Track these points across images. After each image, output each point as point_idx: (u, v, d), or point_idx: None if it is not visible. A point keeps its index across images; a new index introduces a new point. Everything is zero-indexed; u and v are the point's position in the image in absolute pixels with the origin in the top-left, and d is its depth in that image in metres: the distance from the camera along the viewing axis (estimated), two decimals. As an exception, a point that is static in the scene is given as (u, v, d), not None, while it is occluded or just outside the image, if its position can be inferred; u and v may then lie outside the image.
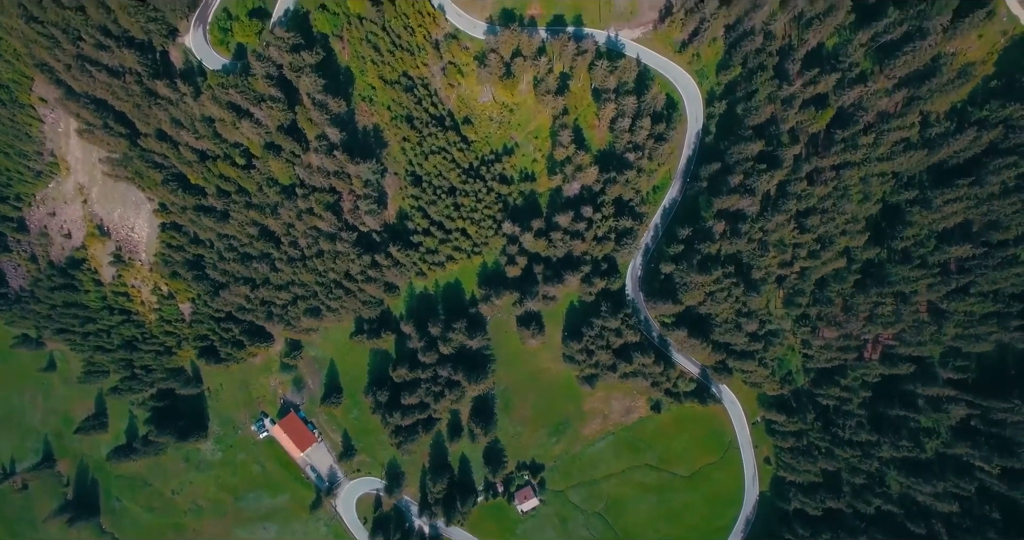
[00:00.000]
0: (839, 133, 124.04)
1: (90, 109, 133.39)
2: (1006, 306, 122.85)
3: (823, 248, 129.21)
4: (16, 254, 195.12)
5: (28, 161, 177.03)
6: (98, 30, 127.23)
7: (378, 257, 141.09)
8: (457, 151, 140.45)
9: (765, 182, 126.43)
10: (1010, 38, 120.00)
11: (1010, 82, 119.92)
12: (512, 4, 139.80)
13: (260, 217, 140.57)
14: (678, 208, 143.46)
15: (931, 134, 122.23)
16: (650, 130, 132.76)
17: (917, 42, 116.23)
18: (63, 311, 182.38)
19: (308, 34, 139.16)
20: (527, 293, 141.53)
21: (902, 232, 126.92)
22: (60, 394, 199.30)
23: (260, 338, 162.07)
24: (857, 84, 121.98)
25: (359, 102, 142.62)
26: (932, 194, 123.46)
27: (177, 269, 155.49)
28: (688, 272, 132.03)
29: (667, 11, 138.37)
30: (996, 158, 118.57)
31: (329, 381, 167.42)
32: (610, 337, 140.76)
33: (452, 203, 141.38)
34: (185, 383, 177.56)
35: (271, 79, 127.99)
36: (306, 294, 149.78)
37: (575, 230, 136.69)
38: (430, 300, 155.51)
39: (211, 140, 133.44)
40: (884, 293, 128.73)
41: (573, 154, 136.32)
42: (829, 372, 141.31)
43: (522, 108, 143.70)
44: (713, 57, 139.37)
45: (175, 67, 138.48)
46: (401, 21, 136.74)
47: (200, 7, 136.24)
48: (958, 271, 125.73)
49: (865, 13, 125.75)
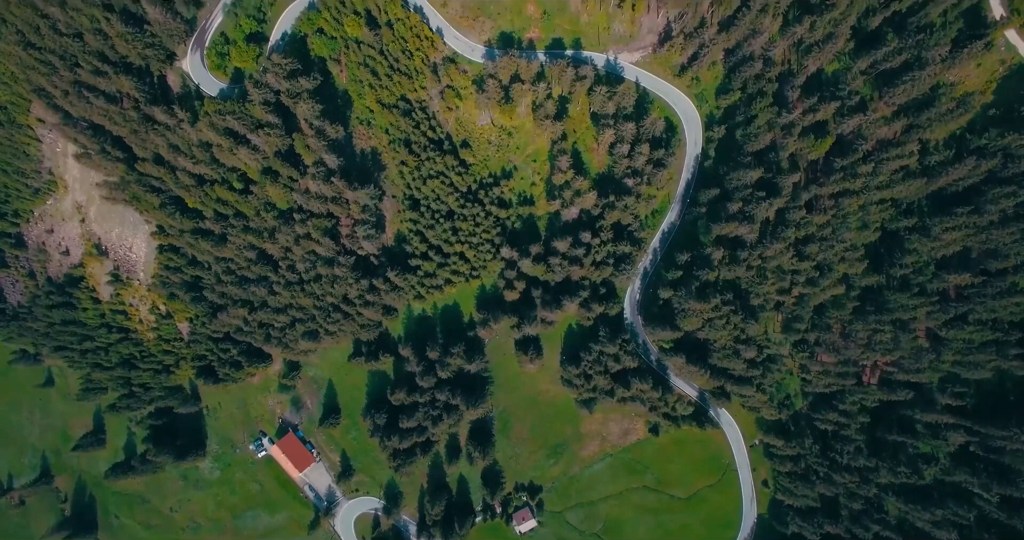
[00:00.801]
0: (838, 161, 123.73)
1: (87, 134, 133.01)
2: (1005, 334, 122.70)
3: (822, 276, 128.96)
4: (14, 270, 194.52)
5: (26, 179, 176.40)
6: (95, 56, 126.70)
7: (376, 281, 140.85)
8: (455, 175, 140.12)
9: (764, 210, 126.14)
10: (1008, 67, 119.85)
11: (1009, 111, 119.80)
12: (510, 28, 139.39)
13: (258, 241, 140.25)
14: (677, 232, 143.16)
15: (930, 162, 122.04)
16: (649, 156, 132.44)
17: (916, 72, 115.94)
18: (61, 329, 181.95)
19: (305, 57, 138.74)
20: (525, 318, 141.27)
21: (901, 259, 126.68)
22: (58, 410, 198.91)
23: (258, 359, 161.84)
24: (857, 113, 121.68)
25: (357, 126, 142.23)
26: (931, 222, 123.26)
27: (175, 291, 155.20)
28: (686, 299, 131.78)
29: (666, 35, 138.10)
30: (995, 187, 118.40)
31: (327, 401, 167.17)
32: (608, 362, 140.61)
33: (450, 227, 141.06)
34: (183, 401, 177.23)
35: (268, 105, 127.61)
36: (304, 317, 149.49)
37: (573, 256, 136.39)
38: (428, 322, 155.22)
39: (208, 165, 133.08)
40: (883, 320, 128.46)
41: (572, 179, 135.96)
42: (827, 397, 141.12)
43: (521, 131, 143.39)
44: (712, 81, 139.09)
45: (172, 91, 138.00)
46: (399, 45, 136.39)
47: (197, 32, 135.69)
48: (957, 299, 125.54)
49: (865, 40, 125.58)
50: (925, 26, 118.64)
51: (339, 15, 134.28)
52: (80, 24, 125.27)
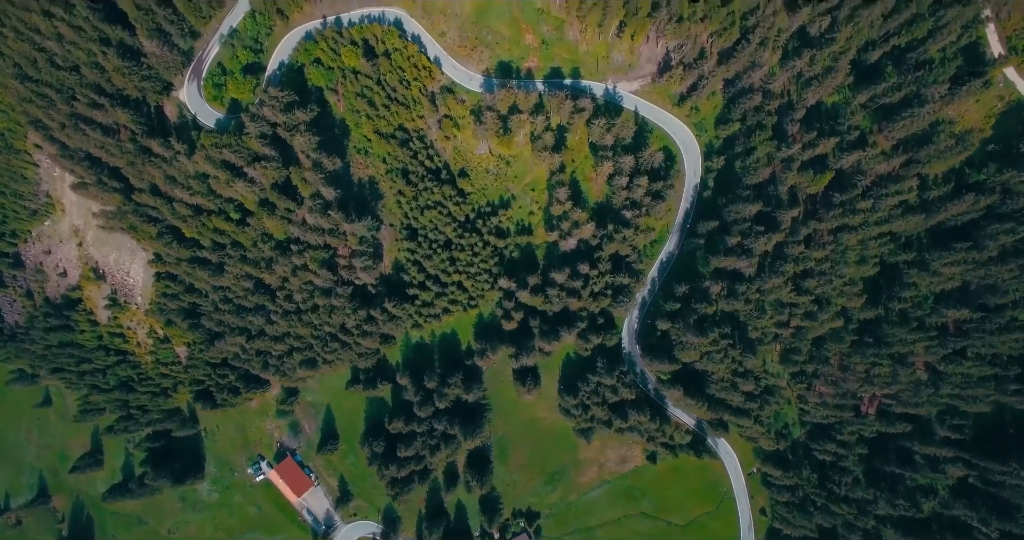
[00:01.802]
0: (837, 196, 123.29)
1: (84, 166, 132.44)
2: (1003, 369, 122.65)
3: (820, 309, 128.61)
4: (11, 289, 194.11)
5: (23, 201, 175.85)
6: (92, 89, 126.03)
7: (373, 311, 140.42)
8: (453, 205, 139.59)
9: (763, 244, 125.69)
10: (1007, 103, 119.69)
11: (1007, 146, 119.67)
12: (509, 57, 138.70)
13: (255, 271, 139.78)
14: (675, 262, 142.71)
15: (929, 196, 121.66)
16: (647, 188, 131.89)
17: (916, 109, 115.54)
18: (58, 351, 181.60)
19: (303, 87, 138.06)
20: (523, 348, 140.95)
21: (900, 293, 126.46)
22: (56, 430, 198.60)
23: (256, 385, 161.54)
24: (856, 148, 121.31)
25: (354, 155, 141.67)
26: (930, 256, 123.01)
27: (172, 317, 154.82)
28: (684, 331, 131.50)
29: (665, 65, 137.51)
30: (994, 222, 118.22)
31: (326, 426, 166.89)
32: (606, 393, 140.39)
33: (448, 257, 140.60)
34: (182, 424, 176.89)
35: (265, 138, 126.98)
36: (302, 346, 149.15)
37: (571, 287, 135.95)
38: (426, 350, 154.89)
39: (205, 196, 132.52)
40: (881, 354, 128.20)
41: (569, 210, 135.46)
42: (825, 427, 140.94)
43: (519, 160, 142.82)
44: (712, 110, 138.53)
45: (169, 121, 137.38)
46: (396, 75, 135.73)
47: (194, 62, 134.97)
48: (956, 333, 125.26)
49: (864, 73, 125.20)
50: (924, 62, 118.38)
51: (336, 45, 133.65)
52: (77, 58, 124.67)
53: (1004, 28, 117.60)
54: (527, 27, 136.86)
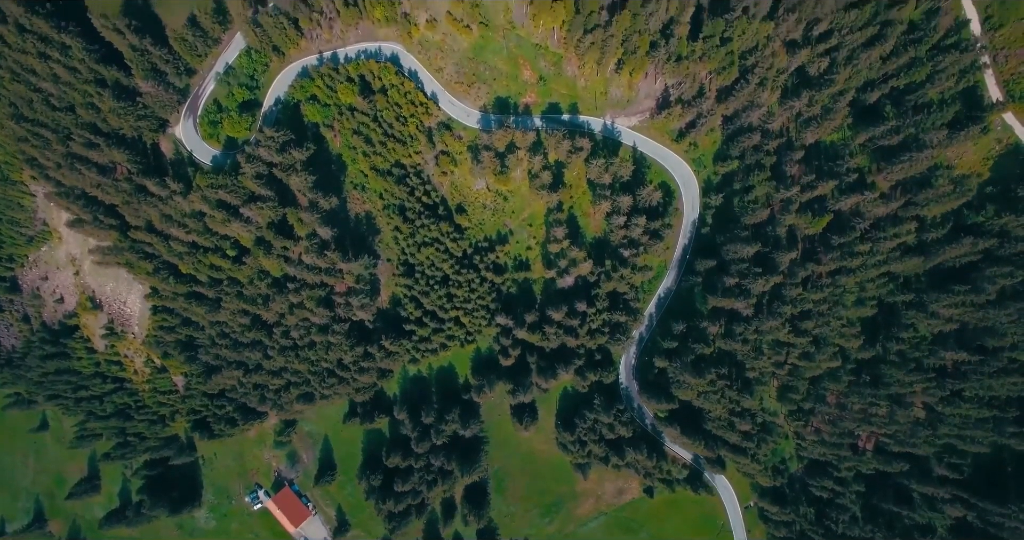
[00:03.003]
0: (836, 239, 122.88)
1: (80, 204, 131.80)
2: (1002, 411, 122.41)
3: (818, 350, 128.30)
4: (8, 314, 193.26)
5: (19, 228, 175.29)
6: (88, 129, 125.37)
7: (371, 348, 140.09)
8: (450, 241, 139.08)
9: (760, 285, 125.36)
10: (1005, 146, 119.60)
11: (1005, 189, 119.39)
12: (506, 93, 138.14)
13: (252, 307, 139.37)
14: (673, 298, 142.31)
15: (928, 238, 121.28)
16: (645, 226, 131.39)
17: (914, 153, 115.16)
18: (55, 378, 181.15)
19: (299, 123, 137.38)
20: (520, 384, 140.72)
21: (898, 334, 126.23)
22: (52, 454, 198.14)
23: (254, 415, 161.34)
24: (855, 191, 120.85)
25: (351, 190, 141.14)
26: (929, 298, 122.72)
27: (169, 350, 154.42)
28: (681, 371, 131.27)
29: (664, 101, 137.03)
30: (993, 265, 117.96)
31: (323, 457, 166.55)
32: (603, 430, 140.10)
33: (445, 294, 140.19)
34: (179, 452, 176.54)
35: (261, 178, 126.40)
36: (299, 381, 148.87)
37: (569, 326, 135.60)
38: (424, 382, 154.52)
39: (201, 234, 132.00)
40: (879, 395, 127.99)
41: (567, 248, 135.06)
42: (822, 463, 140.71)
43: (516, 195, 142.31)
44: (711, 146, 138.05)
45: (165, 157, 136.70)
46: (393, 112, 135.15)
47: (190, 98, 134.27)
48: (954, 374, 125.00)
49: (863, 113, 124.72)
50: (923, 105, 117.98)
51: (332, 82, 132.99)
52: (72, 99, 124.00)
53: (1001, 72, 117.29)
54: (525, 63, 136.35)
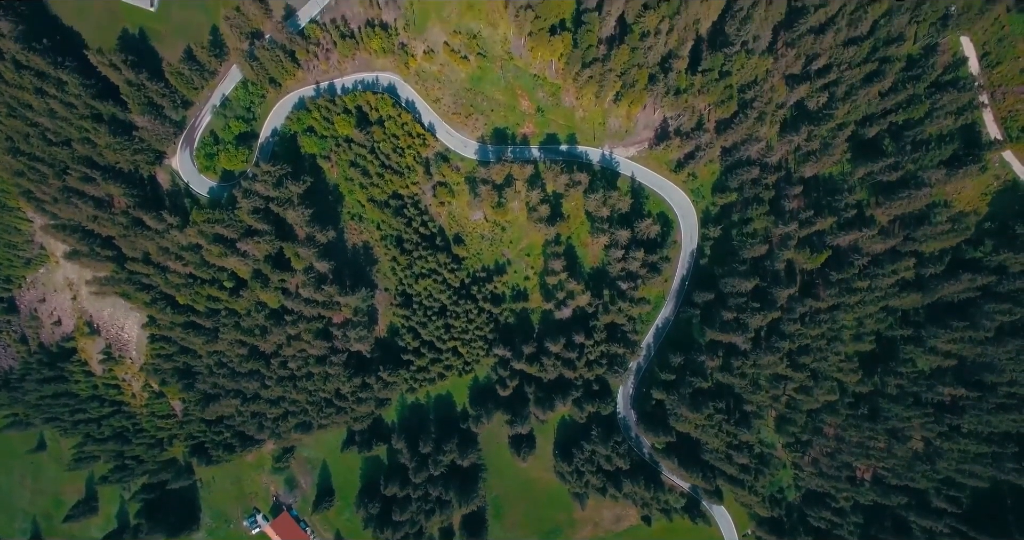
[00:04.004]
0: (834, 274, 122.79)
1: (76, 237, 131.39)
2: (1001, 447, 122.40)
3: (816, 385, 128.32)
4: (5, 334, 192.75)
5: (16, 251, 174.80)
6: (84, 163, 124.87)
7: (368, 379, 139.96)
8: (448, 272, 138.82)
9: (758, 320, 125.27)
10: (1003, 182, 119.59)
11: (1003, 226, 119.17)
12: (504, 123, 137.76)
13: (249, 338, 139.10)
14: (671, 328, 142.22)
15: (927, 274, 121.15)
16: (643, 259, 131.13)
17: (913, 191, 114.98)
18: (52, 401, 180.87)
19: (296, 154, 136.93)
20: (518, 415, 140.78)
21: (896, 368, 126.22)
22: (50, 475, 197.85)
23: (251, 442, 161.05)
24: (854, 228, 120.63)
25: (348, 221, 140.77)
26: (927, 333, 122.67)
27: (166, 378, 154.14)
28: (679, 404, 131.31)
29: (663, 131, 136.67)
30: (991, 301, 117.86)
31: (322, 482, 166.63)
32: (600, 461, 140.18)
33: (443, 324, 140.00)
34: (177, 475, 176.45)
35: (258, 213, 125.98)
36: (296, 410, 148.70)
37: (567, 358, 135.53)
38: (422, 410, 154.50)
39: (198, 267, 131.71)
40: (877, 428, 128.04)
41: (565, 280, 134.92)
42: (820, 494, 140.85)
43: (514, 225, 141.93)
44: (709, 177, 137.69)
45: (162, 188, 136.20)
46: (390, 143, 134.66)
47: (187, 130, 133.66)
48: (952, 409, 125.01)
49: (862, 146, 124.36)
50: (921, 142, 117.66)
51: (329, 114, 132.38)
52: (68, 134, 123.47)
53: (999, 109, 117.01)
54: (523, 93, 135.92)
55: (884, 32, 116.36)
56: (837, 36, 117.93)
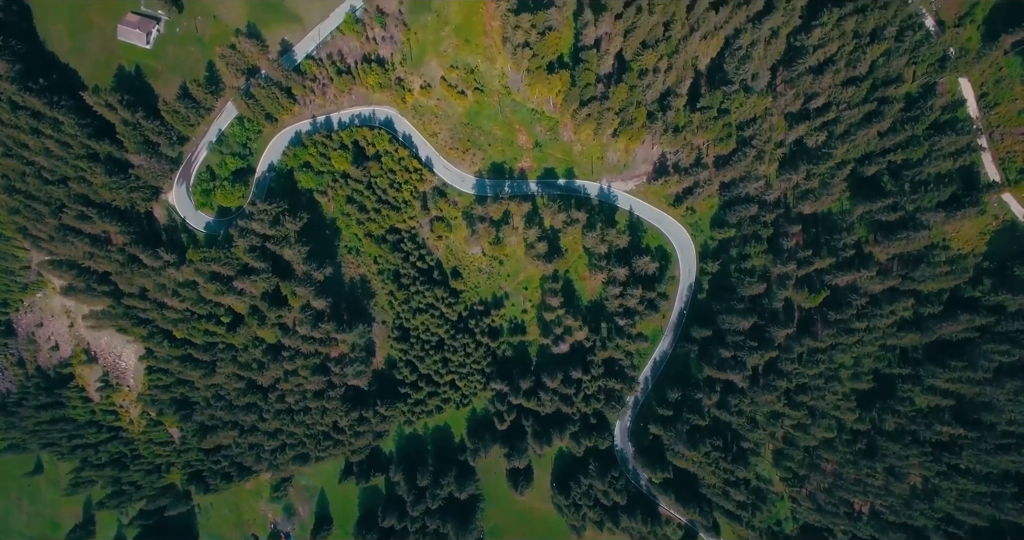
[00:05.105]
0: (833, 314, 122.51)
1: (73, 273, 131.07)
2: (1000, 487, 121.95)
3: (813, 422, 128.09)
4: (3, 357, 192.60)
5: (14, 277, 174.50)
6: (80, 200, 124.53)
7: (366, 413, 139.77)
8: (445, 307, 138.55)
9: (756, 359, 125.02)
10: (1001, 222, 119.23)
11: (1001, 266, 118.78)
12: (502, 158, 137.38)
13: (246, 373, 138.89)
14: (668, 362, 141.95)
15: (925, 313, 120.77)
16: (641, 296, 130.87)
17: (911, 233, 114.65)
18: (49, 426, 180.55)
19: (292, 188, 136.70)
20: (515, 449, 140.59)
21: (894, 406, 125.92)
22: (47, 498, 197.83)
23: (249, 472, 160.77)
24: (852, 268, 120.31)
25: (345, 254, 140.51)
26: (925, 372, 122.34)
27: (164, 408, 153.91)
28: (676, 440, 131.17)
29: (661, 166, 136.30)
30: (989, 341, 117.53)
31: (320, 510, 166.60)
32: (598, 495, 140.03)
33: (440, 358, 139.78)
34: (175, 501, 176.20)
35: (254, 251, 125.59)
36: (294, 442, 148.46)
37: (564, 393, 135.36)
38: (420, 441, 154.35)
39: (195, 303, 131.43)
40: (875, 466, 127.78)
41: (563, 316, 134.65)
42: (818, 528, 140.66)
43: (512, 259, 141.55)
44: (708, 211, 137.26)
45: (159, 223, 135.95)
46: (387, 179, 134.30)
47: (183, 165, 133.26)
48: (951, 448, 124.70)
49: (862, 183, 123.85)
50: (920, 183, 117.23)
51: (326, 150, 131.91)
52: (65, 172, 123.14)
53: (997, 149, 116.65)
54: (520, 128, 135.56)
55: (883, 73, 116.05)
56: (836, 76, 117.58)
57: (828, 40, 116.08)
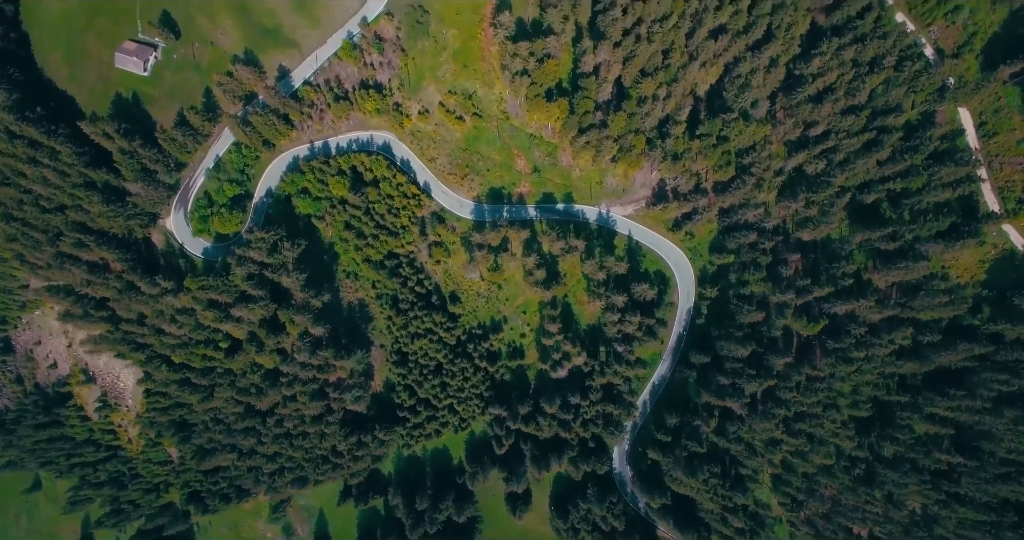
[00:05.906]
0: (831, 343, 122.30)
1: (70, 300, 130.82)
2: (999, 515, 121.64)
3: (812, 449, 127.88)
4: (1, 374, 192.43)
5: (12, 296, 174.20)
6: (77, 228, 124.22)
7: (364, 438, 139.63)
8: (444, 331, 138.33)
9: (754, 386, 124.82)
10: (1000, 251, 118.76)
11: (1000, 295, 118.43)
12: (500, 183, 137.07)
13: (245, 397, 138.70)
14: (667, 387, 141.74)
15: (924, 341, 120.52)
16: (640, 322, 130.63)
17: (911, 263, 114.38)
18: (47, 445, 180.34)
19: (290, 213, 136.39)
20: (514, 473, 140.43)
21: (893, 434, 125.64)
22: (45, 514, 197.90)
23: (248, 494, 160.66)
24: (851, 297, 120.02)
25: (343, 279, 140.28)
26: (924, 400, 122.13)
27: (162, 430, 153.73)
28: (675, 467, 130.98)
29: (660, 190, 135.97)
30: (988, 370, 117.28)
31: (319, 530, 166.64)
32: (596, 520, 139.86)
33: (439, 383, 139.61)
34: (173, 520, 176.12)
35: (252, 278, 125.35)
36: (292, 465, 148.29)
37: (562, 419, 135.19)
38: (419, 463, 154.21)
39: (193, 329, 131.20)
40: (873, 494, 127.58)
41: (561, 341, 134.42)
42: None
43: (511, 283, 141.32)
44: (707, 236, 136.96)
45: (157, 249, 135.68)
46: (385, 204, 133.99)
47: (181, 190, 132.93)
48: (949, 476, 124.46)
49: (862, 210, 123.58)
50: (919, 212, 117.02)
51: (323, 176, 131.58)
52: (62, 200, 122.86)
53: (996, 179, 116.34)
54: (519, 153, 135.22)
55: (882, 102, 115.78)
56: (835, 104, 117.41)
57: (827, 69, 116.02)
